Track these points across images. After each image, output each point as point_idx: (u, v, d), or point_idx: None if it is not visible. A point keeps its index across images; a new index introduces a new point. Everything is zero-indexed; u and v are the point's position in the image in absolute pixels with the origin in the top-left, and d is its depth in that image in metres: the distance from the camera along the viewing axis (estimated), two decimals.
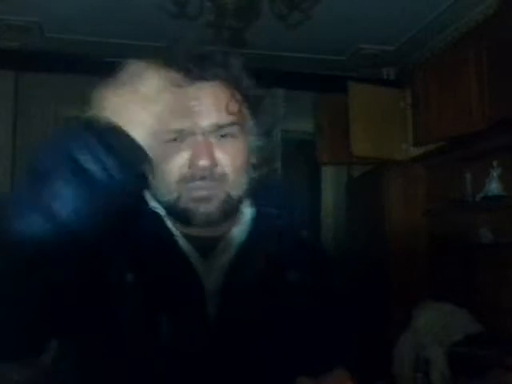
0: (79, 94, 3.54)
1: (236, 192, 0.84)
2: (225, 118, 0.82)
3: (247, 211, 0.92)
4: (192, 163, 0.80)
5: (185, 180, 0.81)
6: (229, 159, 0.82)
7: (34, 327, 0.69)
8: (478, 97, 2.70)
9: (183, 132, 0.81)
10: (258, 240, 0.89)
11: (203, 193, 0.81)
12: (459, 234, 3.09)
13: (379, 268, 3.45)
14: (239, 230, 0.90)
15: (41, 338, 0.72)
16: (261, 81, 0.89)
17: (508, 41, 2.50)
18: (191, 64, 0.82)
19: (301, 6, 2.64)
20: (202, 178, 0.80)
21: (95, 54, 3.72)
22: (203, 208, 0.81)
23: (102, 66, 3.75)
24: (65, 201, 0.65)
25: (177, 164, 0.81)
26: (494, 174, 2.80)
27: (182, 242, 0.86)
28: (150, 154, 0.75)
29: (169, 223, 0.87)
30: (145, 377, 0.79)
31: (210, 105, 0.82)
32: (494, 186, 2.78)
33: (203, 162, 0.79)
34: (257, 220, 0.92)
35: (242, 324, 0.84)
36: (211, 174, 0.81)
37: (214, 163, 0.81)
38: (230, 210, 0.85)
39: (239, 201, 0.87)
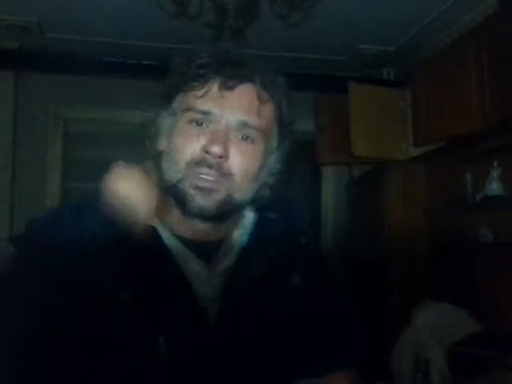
0: (79, 94, 3.58)
1: (239, 196, 0.84)
2: (253, 121, 0.83)
3: (248, 215, 0.92)
4: (205, 147, 0.81)
5: (194, 163, 0.81)
6: (241, 160, 0.83)
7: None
8: (478, 97, 2.69)
9: (209, 116, 0.82)
10: (258, 245, 0.89)
11: (206, 184, 0.81)
12: (459, 233, 3.09)
13: (379, 268, 3.45)
14: (240, 233, 0.90)
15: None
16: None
17: (508, 41, 2.50)
18: (245, 62, 0.84)
19: (301, 5, 2.64)
20: (210, 167, 0.80)
21: (95, 54, 3.72)
22: (201, 199, 0.81)
23: (102, 65, 3.78)
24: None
25: (192, 146, 0.82)
26: (494, 174, 2.79)
27: (182, 248, 0.86)
28: (173, 130, 0.85)
29: (163, 231, 0.86)
30: None
31: (245, 102, 0.83)
32: (494, 186, 2.78)
33: (216, 149, 0.80)
34: (258, 224, 0.92)
35: (242, 331, 0.84)
36: (218, 166, 0.81)
37: (226, 155, 0.81)
38: (228, 211, 0.84)
39: (241, 205, 0.87)
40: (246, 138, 0.83)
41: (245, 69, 0.83)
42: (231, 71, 0.82)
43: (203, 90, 0.82)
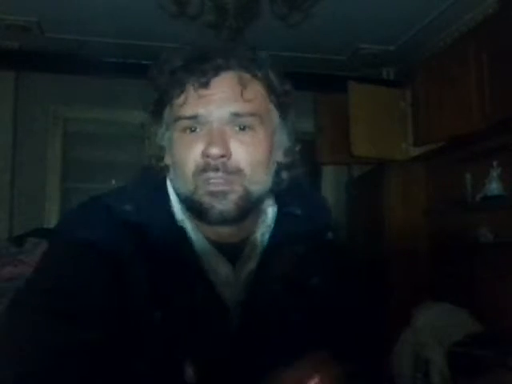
0: (79, 94, 3.58)
1: (255, 188, 0.80)
2: (242, 108, 0.79)
3: (270, 211, 0.89)
4: (205, 152, 0.78)
5: (199, 171, 0.78)
6: (245, 152, 0.79)
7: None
8: (478, 97, 2.69)
9: (198, 119, 0.79)
10: (281, 244, 0.86)
11: (219, 188, 0.78)
12: (459, 233, 3.09)
13: (379, 268, 3.45)
14: (262, 232, 0.87)
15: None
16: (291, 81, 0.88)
17: (508, 41, 2.50)
18: (214, 54, 0.80)
19: (301, 5, 2.64)
20: (216, 170, 0.77)
21: (95, 54, 3.72)
22: (219, 204, 0.78)
23: (102, 65, 3.77)
24: None
25: (192, 154, 0.79)
26: (494, 174, 2.79)
27: (212, 251, 0.83)
28: (171, 143, 0.82)
29: (194, 234, 0.84)
30: None
31: (227, 93, 0.79)
32: (494, 186, 2.78)
33: (215, 151, 0.77)
34: (280, 221, 0.88)
35: (266, 336, 0.81)
36: (225, 166, 0.78)
37: (227, 153, 0.78)
38: (248, 207, 0.81)
39: (259, 198, 0.83)
40: (243, 128, 0.80)
41: (216, 59, 0.79)
42: (201, 66, 0.79)
43: (182, 97, 0.80)
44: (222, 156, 0.77)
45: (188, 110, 0.79)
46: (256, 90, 0.82)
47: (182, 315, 0.78)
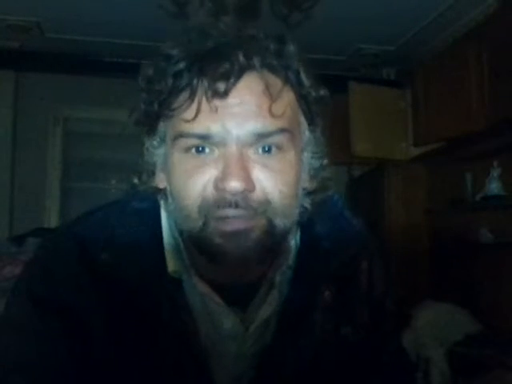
0: (79, 94, 3.59)
1: (282, 221, 0.62)
2: (270, 124, 0.60)
3: (292, 244, 0.71)
4: (219, 184, 0.59)
5: (209, 206, 0.60)
6: (273, 181, 0.60)
7: None
8: (478, 97, 2.69)
9: (210, 140, 0.59)
10: (306, 281, 0.69)
11: (235, 226, 0.60)
12: (459, 233, 3.09)
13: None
14: (284, 271, 0.69)
15: None
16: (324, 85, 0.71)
17: (508, 41, 2.50)
18: (233, 48, 0.60)
19: (301, 6, 2.64)
20: (235, 206, 0.59)
21: (95, 54, 3.72)
22: (236, 245, 0.60)
23: (102, 66, 3.77)
24: None
25: (199, 182, 0.60)
26: (494, 174, 2.79)
27: (211, 302, 0.68)
28: (166, 162, 0.64)
29: (192, 287, 0.67)
30: None
31: (250, 104, 0.59)
32: (494, 186, 2.78)
33: (234, 184, 0.58)
34: (303, 251, 0.70)
35: None
36: (246, 201, 0.59)
37: (250, 186, 0.59)
38: (272, 247, 0.63)
39: (285, 234, 0.65)
40: (268, 150, 0.61)
41: (237, 55, 0.59)
42: (218, 67, 0.58)
43: (192, 109, 0.59)
44: (243, 191, 0.59)
45: (198, 127, 0.59)
46: (286, 98, 0.62)
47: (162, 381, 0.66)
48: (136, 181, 0.69)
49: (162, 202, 0.70)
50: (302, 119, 0.66)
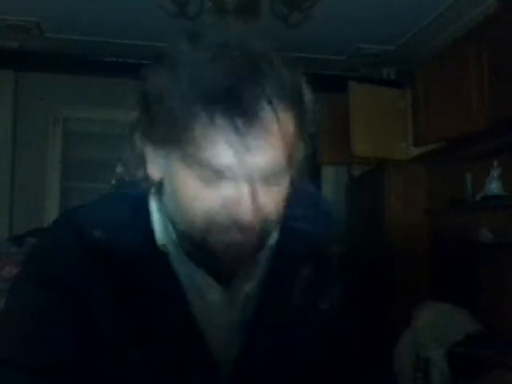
0: (79, 94, 3.58)
1: (274, 227, 0.70)
2: (282, 161, 0.63)
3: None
4: (232, 215, 0.63)
5: (216, 222, 0.64)
6: (273, 206, 0.66)
7: None
8: (478, 97, 2.69)
9: (221, 173, 0.62)
10: (284, 263, 0.75)
11: (238, 238, 0.65)
12: (459, 233, 3.09)
13: (379, 268, 3.45)
14: (263, 252, 0.74)
15: None
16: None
17: (508, 41, 2.50)
18: (252, 81, 0.60)
19: (301, 6, 2.64)
20: (240, 230, 0.64)
21: (95, 54, 3.72)
22: (234, 254, 0.66)
23: (102, 66, 3.77)
24: None
25: (208, 204, 0.63)
26: (494, 174, 2.79)
27: (198, 275, 0.73)
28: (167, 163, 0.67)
29: (179, 258, 0.73)
30: None
31: (266, 144, 0.61)
32: (494, 186, 2.78)
33: (249, 219, 0.62)
34: (281, 238, 0.76)
35: (269, 362, 0.74)
36: (252, 225, 0.64)
37: (261, 219, 0.64)
38: (262, 246, 0.70)
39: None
40: (273, 183, 0.65)
41: (256, 95, 0.60)
42: (241, 109, 0.59)
43: (210, 142, 0.60)
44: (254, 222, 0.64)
45: (214, 158, 0.61)
46: (290, 130, 0.64)
47: (161, 352, 0.71)
48: (119, 169, 0.73)
49: (152, 190, 0.73)
50: (300, 142, 0.68)
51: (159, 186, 0.70)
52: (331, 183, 4.28)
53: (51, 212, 3.83)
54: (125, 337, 0.69)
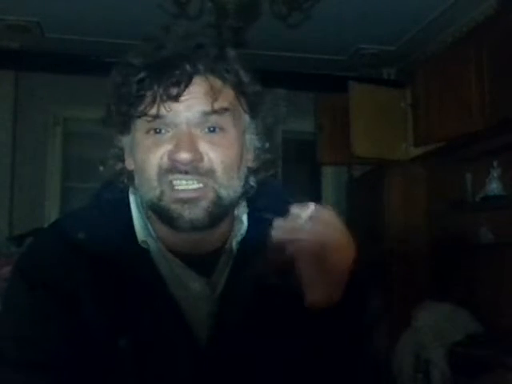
0: (79, 94, 3.58)
1: (227, 192, 0.76)
2: (211, 107, 0.74)
3: (244, 218, 0.84)
4: (171, 155, 0.73)
5: (164, 172, 0.74)
6: (217, 153, 0.74)
7: None
8: (478, 97, 2.69)
9: (164, 120, 0.74)
10: (253, 251, 0.78)
11: (188, 194, 0.73)
12: (459, 233, 3.09)
13: (379, 268, 3.45)
14: (238, 240, 0.82)
15: None
16: (261, 81, 0.82)
17: (508, 41, 2.50)
18: (182, 57, 0.74)
19: (301, 6, 2.64)
20: (184, 172, 0.73)
21: (95, 54, 3.72)
22: (189, 212, 0.73)
23: (101, 66, 3.76)
24: None
25: (156, 156, 0.74)
26: (494, 174, 2.79)
27: (179, 267, 0.79)
28: (132, 145, 0.79)
29: (159, 252, 0.79)
30: None
31: (195, 93, 0.74)
32: (494, 186, 2.78)
33: (184, 156, 0.72)
34: (251, 227, 0.83)
35: (242, 350, 0.77)
36: (196, 169, 0.73)
37: (198, 157, 0.73)
38: (220, 214, 0.76)
39: (231, 204, 0.78)
40: (213, 130, 0.75)
41: (184, 64, 0.73)
42: (171, 77, 0.73)
43: (153, 109, 0.74)
44: (192, 161, 0.73)
45: (154, 109, 0.74)
46: (225, 92, 0.77)
47: (148, 340, 0.75)
48: (101, 168, 0.87)
49: (130, 192, 0.83)
50: (241, 108, 0.80)
51: (132, 175, 0.80)
52: (331, 183, 4.28)
53: (51, 212, 3.83)
54: (113, 329, 0.74)
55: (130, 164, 0.81)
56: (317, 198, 4.27)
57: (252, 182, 0.82)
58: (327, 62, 3.93)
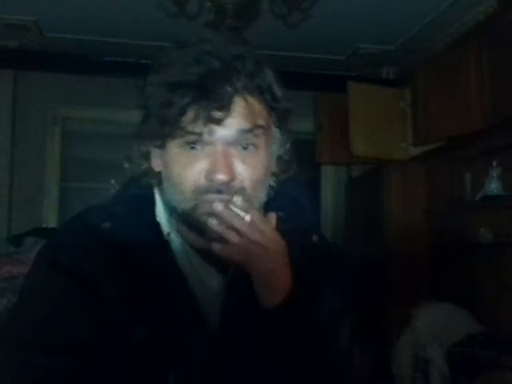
0: (78, 94, 3.58)
1: (253, 198, 0.79)
2: (248, 127, 0.77)
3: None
4: (209, 175, 0.75)
5: (200, 191, 0.76)
6: (249, 172, 0.77)
7: None
8: (478, 97, 2.69)
9: (202, 138, 0.76)
10: None
11: (220, 207, 0.75)
12: (459, 233, 3.09)
13: (379, 268, 3.45)
14: None
15: None
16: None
17: (508, 41, 2.50)
18: (221, 75, 0.76)
19: (300, 5, 2.64)
20: (219, 192, 0.75)
21: (95, 54, 3.71)
22: (218, 223, 0.76)
23: (101, 65, 3.77)
24: None
25: (193, 173, 0.76)
26: (494, 174, 2.79)
27: (199, 264, 0.83)
28: (163, 154, 0.80)
29: (182, 247, 0.83)
30: None
31: (233, 112, 0.76)
32: (493, 186, 2.78)
33: (221, 177, 0.75)
34: None
35: (247, 346, 0.79)
36: (228, 188, 0.76)
37: (233, 177, 0.76)
38: None
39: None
40: (246, 147, 0.78)
41: (225, 85, 0.75)
42: (213, 103, 0.75)
43: (187, 119, 0.76)
44: (228, 182, 0.75)
45: (192, 126, 0.76)
46: (260, 109, 0.80)
47: (165, 330, 0.78)
48: (127, 164, 0.87)
49: (155, 187, 0.85)
50: (273, 125, 0.83)
51: (159, 176, 0.82)
52: (331, 183, 4.28)
53: (50, 212, 3.83)
54: (132, 317, 0.76)
55: (156, 165, 0.83)
56: (316, 198, 4.27)
57: (272, 182, 0.86)
58: (327, 62, 3.93)
